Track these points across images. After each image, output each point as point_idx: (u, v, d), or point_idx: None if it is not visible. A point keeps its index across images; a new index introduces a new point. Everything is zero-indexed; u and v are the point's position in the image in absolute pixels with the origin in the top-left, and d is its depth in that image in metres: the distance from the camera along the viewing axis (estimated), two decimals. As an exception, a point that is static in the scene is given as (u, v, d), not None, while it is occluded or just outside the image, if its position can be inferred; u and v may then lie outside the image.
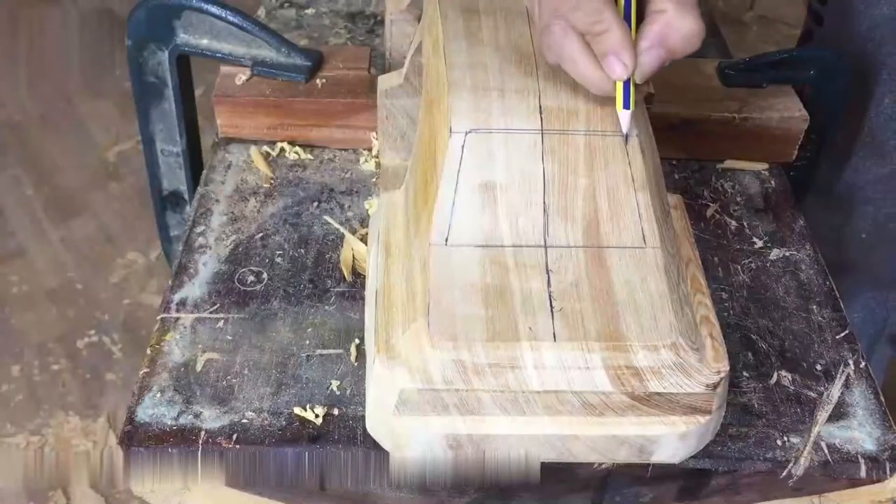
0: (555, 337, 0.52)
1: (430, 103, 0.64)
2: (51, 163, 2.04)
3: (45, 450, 1.48)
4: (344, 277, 0.68)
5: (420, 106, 0.69)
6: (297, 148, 0.80)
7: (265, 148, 0.80)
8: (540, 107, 0.59)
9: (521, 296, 0.53)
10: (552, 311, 0.53)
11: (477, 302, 0.53)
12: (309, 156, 0.80)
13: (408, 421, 0.53)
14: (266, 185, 0.76)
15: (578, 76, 0.57)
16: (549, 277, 0.54)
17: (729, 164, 0.81)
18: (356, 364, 0.62)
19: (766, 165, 0.81)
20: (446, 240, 0.55)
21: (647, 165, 0.58)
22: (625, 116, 0.57)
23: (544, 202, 0.56)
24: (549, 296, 0.54)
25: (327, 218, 0.73)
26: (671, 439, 0.54)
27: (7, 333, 1.67)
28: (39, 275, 1.79)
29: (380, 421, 0.55)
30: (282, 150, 0.80)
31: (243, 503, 0.61)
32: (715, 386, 0.53)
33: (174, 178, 0.86)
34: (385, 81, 0.73)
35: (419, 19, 0.77)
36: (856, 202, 0.95)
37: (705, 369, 0.53)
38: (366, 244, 0.70)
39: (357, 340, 0.63)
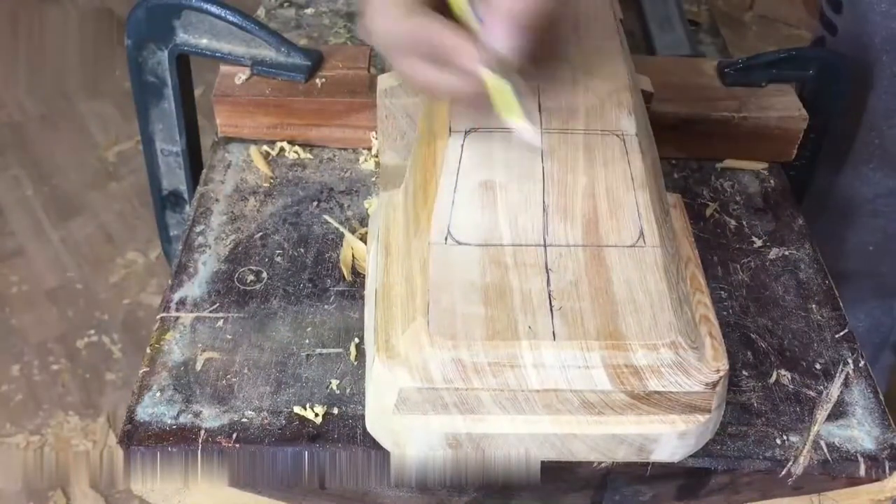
0: (554, 336, 0.52)
1: (429, 102, 0.64)
2: (51, 163, 2.04)
3: (45, 450, 1.48)
4: (343, 277, 0.68)
5: (420, 105, 0.69)
6: (297, 147, 0.80)
7: (265, 147, 0.80)
8: (539, 106, 0.59)
9: (521, 295, 0.53)
10: (552, 310, 0.53)
11: (476, 301, 0.53)
12: (308, 155, 0.80)
13: (407, 420, 0.53)
14: (266, 185, 0.76)
15: (446, 95, 0.55)
16: (548, 276, 0.54)
17: (728, 163, 0.81)
18: (356, 363, 0.62)
19: (765, 165, 0.81)
20: (446, 239, 0.55)
21: (646, 164, 0.58)
22: (527, 131, 0.54)
23: (544, 201, 0.56)
24: (549, 295, 0.54)
25: (327, 217, 0.73)
26: (670, 438, 0.54)
27: (7, 333, 1.68)
28: (39, 275, 1.79)
29: (379, 420, 0.55)
30: (281, 149, 0.80)
31: (243, 502, 0.61)
32: (714, 385, 0.53)
33: (174, 177, 0.86)
34: (385, 81, 0.73)
35: (419, 19, 0.77)
36: (865, 214, 0.95)
37: (704, 368, 0.53)
38: (365, 243, 0.70)
39: (357, 340, 0.63)
